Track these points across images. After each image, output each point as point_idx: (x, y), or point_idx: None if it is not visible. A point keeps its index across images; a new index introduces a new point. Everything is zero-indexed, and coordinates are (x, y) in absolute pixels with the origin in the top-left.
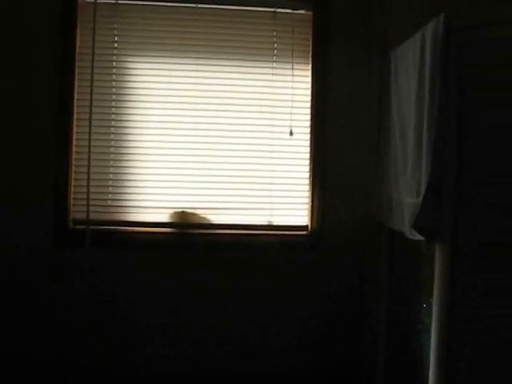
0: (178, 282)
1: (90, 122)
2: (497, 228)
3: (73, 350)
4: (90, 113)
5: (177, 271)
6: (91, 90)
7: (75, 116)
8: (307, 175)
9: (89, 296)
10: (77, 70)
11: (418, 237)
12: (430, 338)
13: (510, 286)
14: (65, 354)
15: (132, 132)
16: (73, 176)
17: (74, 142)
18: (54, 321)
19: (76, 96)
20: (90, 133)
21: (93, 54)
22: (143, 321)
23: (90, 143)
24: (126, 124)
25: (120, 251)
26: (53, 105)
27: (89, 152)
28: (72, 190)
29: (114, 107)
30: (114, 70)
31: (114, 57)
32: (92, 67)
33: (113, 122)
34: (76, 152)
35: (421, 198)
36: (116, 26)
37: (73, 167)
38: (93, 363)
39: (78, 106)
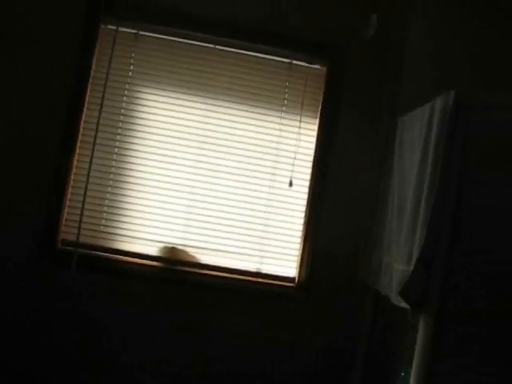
0: (160, 317)
1: (94, 146)
2: (483, 296)
3: (48, 372)
4: (95, 136)
5: (160, 305)
6: (99, 114)
7: (80, 137)
8: (301, 227)
9: (69, 319)
10: (88, 93)
11: (404, 304)
12: None
13: (494, 352)
14: (39, 375)
15: (133, 161)
16: (68, 196)
17: (75, 163)
18: (31, 338)
19: (83, 117)
20: (92, 156)
21: (106, 79)
22: (122, 350)
23: (90, 166)
24: (128, 153)
25: (106, 278)
26: (59, 121)
27: (88, 174)
28: (66, 210)
29: (119, 134)
30: (124, 98)
31: (127, 85)
32: (104, 92)
33: (116, 149)
34: (75, 173)
35: (411, 267)
36: (133, 55)
37: (70, 188)
38: None
39: (83, 128)
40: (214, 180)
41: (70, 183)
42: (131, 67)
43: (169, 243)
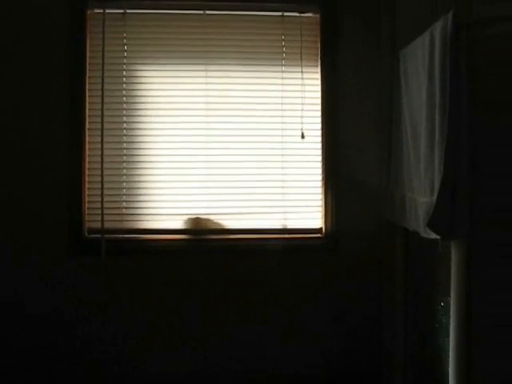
0: (193, 288)
1: (102, 132)
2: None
3: (88, 358)
4: (102, 122)
5: (193, 277)
6: (102, 100)
7: (87, 126)
8: (320, 177)
9: (105, 305)
10: (87, 80)
11: (434, 236)
12: (447, 336)
13: None
14: (78, 363)
15: (144, 140)
16: (87, 186)
17: (87, 152)
18: (69, 330)
19: (87, 106)
20: (102, 142)
21: (103, 64)
22: (160, 326)
23: (102, 152)
24: (137, 132)
25: (136, 259)
26: (65, 115)
27: (101, 161)
28: (86, 199)
29: (125, 116)
30: (124, 79)
31: (124, 66)
32: (102, 77)
33: (124, 131)
34: (89, 162)
35: (435, 197)
36: (125, 35)
37: (86, 177)
38: (108, 370)
39: (89, 116)
40: (226, 144)
41: (85, 173)
42: (125, 47)
43: (192, 214)
